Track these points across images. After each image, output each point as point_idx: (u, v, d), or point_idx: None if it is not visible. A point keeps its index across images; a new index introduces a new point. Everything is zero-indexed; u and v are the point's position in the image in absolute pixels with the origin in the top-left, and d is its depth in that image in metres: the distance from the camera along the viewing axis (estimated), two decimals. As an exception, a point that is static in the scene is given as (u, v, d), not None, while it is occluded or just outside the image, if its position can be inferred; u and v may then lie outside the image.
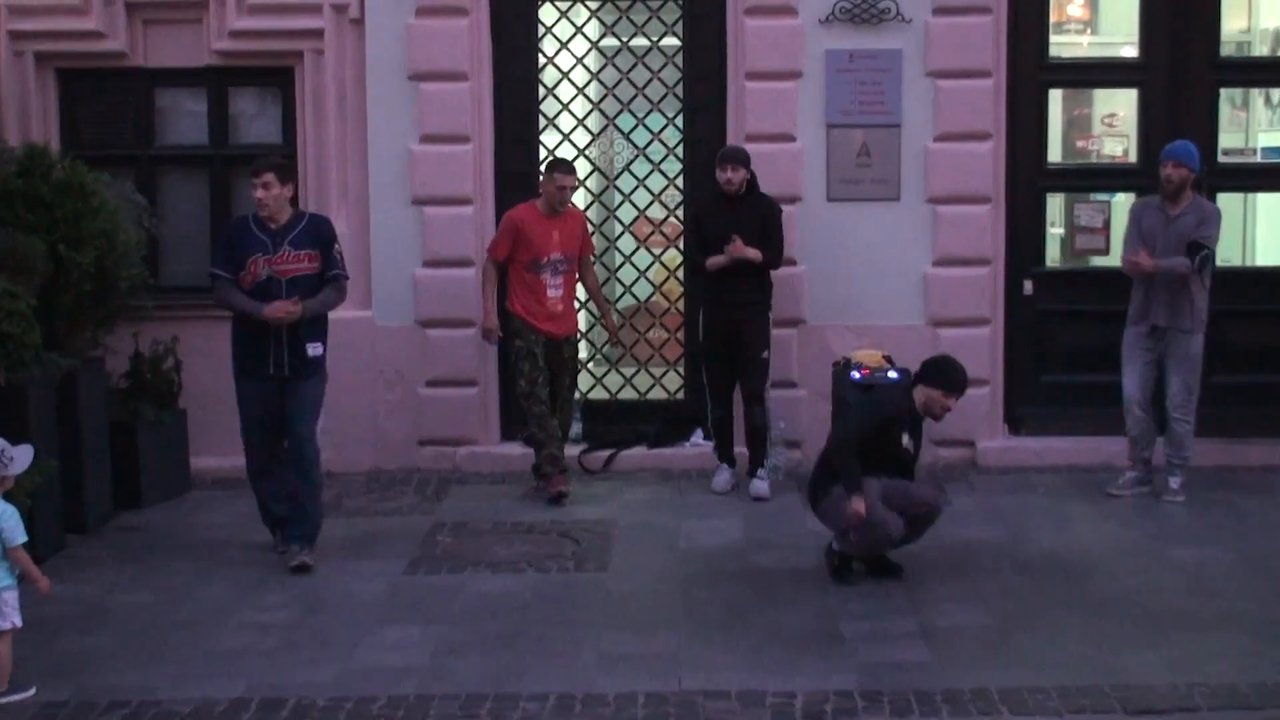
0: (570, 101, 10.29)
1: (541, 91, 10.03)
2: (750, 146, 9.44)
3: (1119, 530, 8.43)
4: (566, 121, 10.27)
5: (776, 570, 7.73)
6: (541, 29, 9.99)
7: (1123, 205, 9.89)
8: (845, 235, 9.73)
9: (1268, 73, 10.58)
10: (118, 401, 9.05)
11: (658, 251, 10.36)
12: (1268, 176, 10.58)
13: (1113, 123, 10.60)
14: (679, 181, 10.11)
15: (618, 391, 10.34)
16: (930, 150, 9.70)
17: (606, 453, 9.92)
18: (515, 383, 9.20)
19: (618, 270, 10.43)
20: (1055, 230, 10.41)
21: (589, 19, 10.16)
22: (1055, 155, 10.26)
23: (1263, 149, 10.72)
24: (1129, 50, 10.13)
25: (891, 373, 8.76)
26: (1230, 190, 10.12)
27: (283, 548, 8.01)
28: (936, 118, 9.68)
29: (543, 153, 9.97)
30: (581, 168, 9.97)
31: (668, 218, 10.22)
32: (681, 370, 10.24)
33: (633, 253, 10.32)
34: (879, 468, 7.38)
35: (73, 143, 9.77)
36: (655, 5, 9.99)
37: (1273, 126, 10.93)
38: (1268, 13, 10.77)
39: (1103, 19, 10.88)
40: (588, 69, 10.33)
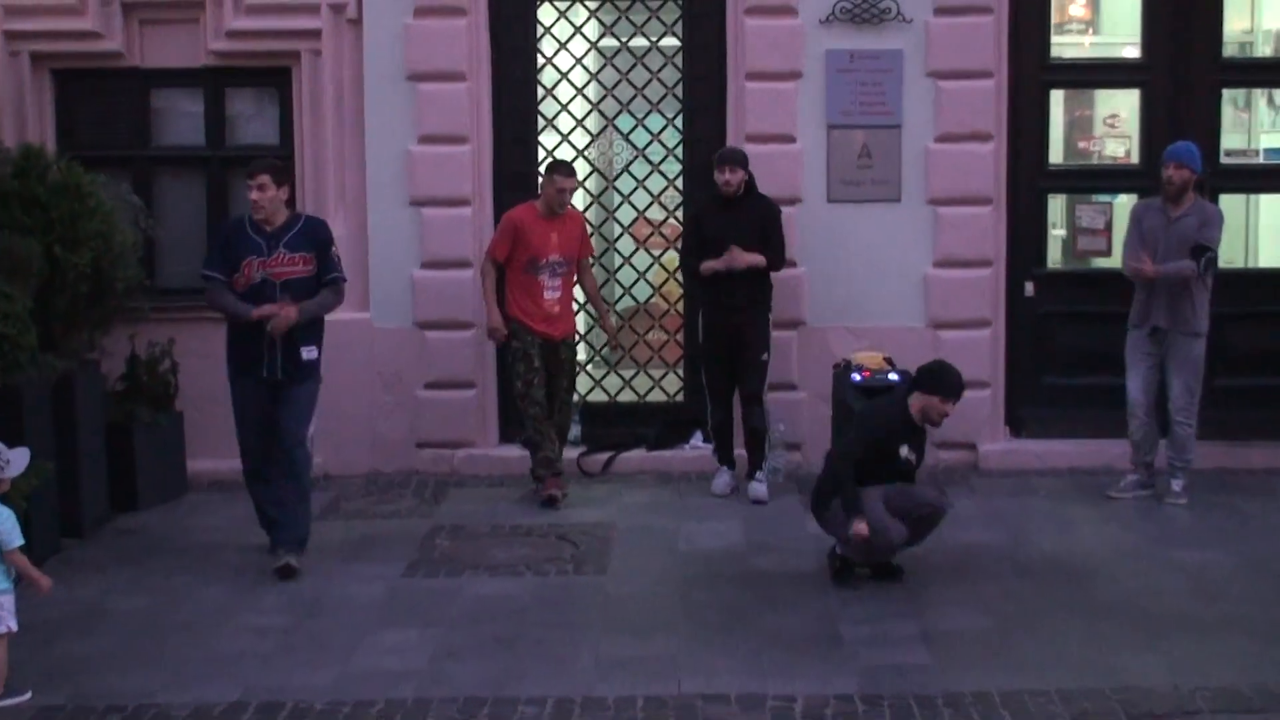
0: (569, 102, 10.27)
1: (540, 92, 10.01)
2: (750, 147, 9.43)
3: (1121, 533, 8.43)
4: (565, 122, 10.25)
5: (776, 573, 7.72)
6: (540, 29, 9.97)
7: (1124, 206, 9.86)
8: (846, 236, 9.70)
9: (1270, 73, 10.56)
10: (114, 404, 9.03)
11: (657, 253, 10.33)
12: (1270, 178, 10.55)
13: (1114, 124, 10.57)
14: (678, 183, 10.09)
15: (617, 394, 10.31)
16: (931, 151, 9.68)
17: (605, 455, 9.89)
18: (511, 384, 9.16)
19: (617, 272, 10.40)
20: (1057, 232, 10.40)
21: (588, 19, 10.13)
22: (1057, 156, 10.24)
23: (1265, 150, 10.69)
24: (1131, 50, 10.12)
25: (892, 375, 8.73)
26: (1233, 192, 10.12)
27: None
28: (937, 118, 9.66)
29: (541, 154, 9.96)
30: (580, 169, 9.93)
31: (667, 219, 10.20)
32: (681, 372, 10.21)
33: (632, 254, 10.29)
34: (880, 479, 7.37)
35: (69, 143, 9.74)
36: (654, 5, 9.97)
37: (1275, 128, 10.91)
38: (1270, 13, 10.74)
39: (1104, 19, 10.87)
40: (587, 69, 10.30)
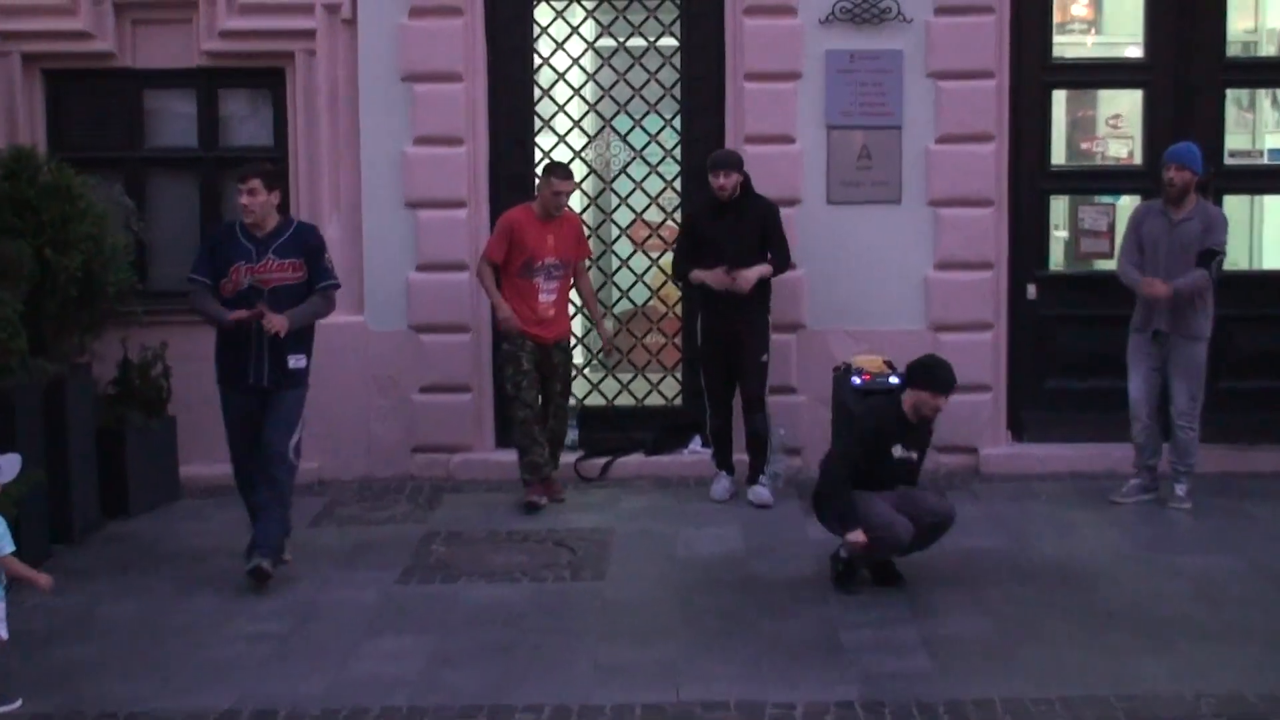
0: (566, 103, 10.22)
1: (537, 93, 9.98)
2: (749, 148, 9.43)
3: (1124, 538, 8.40)
4: (562, 123, 10.22)
5: (776, 579, 7.69)
6: (537, 29, 9.94)
7: (1127, 208, 9.85)
8: (845, 238, 9.67)
9: (1275, 73, 10.54)
10: (105, 408, 9.00)
11: (655, 255, 10.30)
12: (1275, 178, 10.53)
13: (1117, 124, 10.56)
14: (676, 184, 10.07)
15: (614, 398, 10.26)
16: (932, 152, 9.64)
17: (603, 460, 9.85)
18: (502, 387, 9.10)
19: (614, 274, 10.35)
20: (1059, 233, 10.38)
21: (585, 19, 10.09)
22: (1059, 157, 10.23)
23: (1270, 151, 10.68)
24: (1133, 50, 10.10)
25: (893, 378, 8.66)
26: (1237, 193, 10.12)
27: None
28: (938, 119, 9.63)
29: (538, 155, 9.93)
30: (577, 170, 9.92)
31: (665, 221, 10.18)
32: (679, 376, 10.17)
33: (629, 256, 10.25)
34: (882, 483, 7.33)
35: (60, 145, 9.71)
36: (652, 5, 9.96)
37: (1280, 128, 10.89)
38: (1274, 12, 10.71)
39: (1107, 19, 10.88)
40: (584, 70, 10.27)
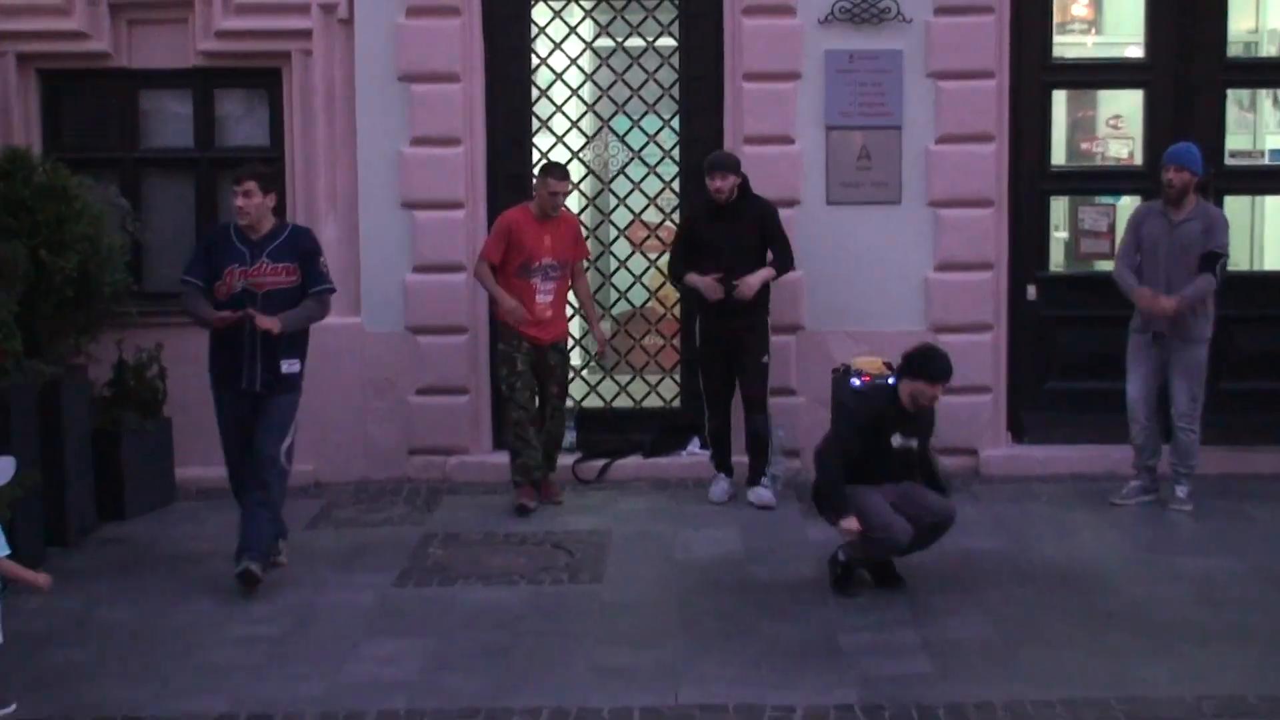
0: (564, 103, 10.18)
1: (534, 93, 9.95)
2: (748, 149, 9.42)
3: (1124, 540, 8.40)
4: (560, 124, 10.19)
5: (775, 581, 7.66)
6: (534, 29, 9.92)
7: (1128, 208, 9.83)
8: (845, 239, 9.64)
9: (1276, 73, 10.52)
10: (101, 410, 8.97)
11: (653, 256, 10.26)
12: (1276, 179, 10.51)
13: (1118, 124, 10.54)
14: (675, 185, 10.05)
15: (612, 399, 10.23)
16: (931, 152, 9.62)
17: (601, 462, 9.81)
18: (496, 388, 9.07)
19: (612, 275, 10.31)
20: (1059, 234, 10.35)
21: (583, 19, 10.08)
22: (1059, 157, 10.20)
23: (1270, 151, 10.65)
24: (1134, 50, 10.08)
25: (892, 379, 8.62)
26: (1238, 193, 10.10)
27: (273, 559, 7.88)
28: (938, 119, 9.60)
29: (536, 156, 9.89)
30: (575, 171, 9.91)
31: (663, 222, 10.16)
32: (678, 377, 10.15)
33: (628, 258, 10.22)
34: (884, 475, 7.28)
35: (55, 145, 9.69)
36: (651, 5, 9.94)
37: (1281, 128, 10.88)
38: (1276, 12, 10.68)
39: (1107, 18, 10.86)
40: (582, 70, 10.22)
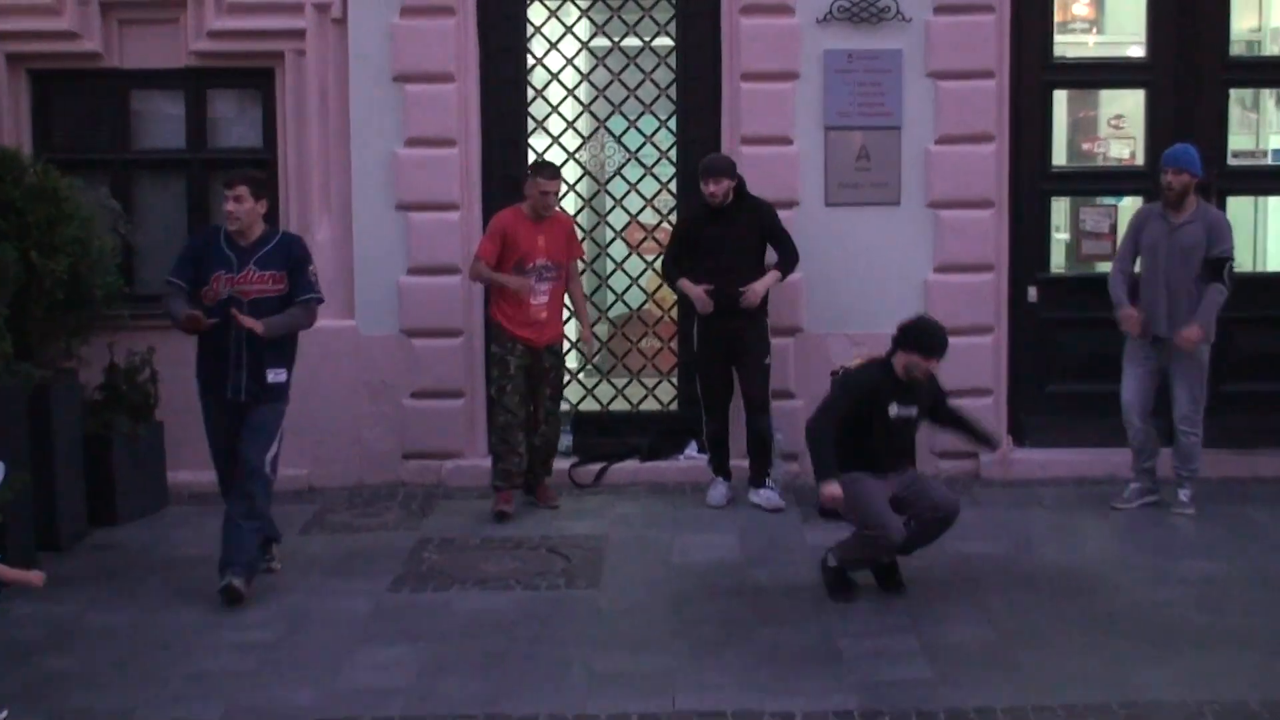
0: (560, 104, 10.17)
1: (530, 93, 9.92)
2: (746, 149, 9.41)
3: (1126, 544, 8.39)
4: (556, 124, 10.16)
5: (773, 586, 7.65)
6: (530, 29, 9.89)
7: (1129, 209, 9.81)
8: (844, 240, 9.61)
9: (1279, 72, 10.47)
10: (92, 414, 8.92)
11: (650, 258, 10.23)
12: (1278, 179, 10.46)
13: (1119, 124, 10.51)
14: (672, 186, 10.02)
15: (609, 403, 10.20)
16: (931, 153, 9.59)
17: (598, 466, 9.78)
18: (486, 390, 9.03)
19: (609, 277, 10.28)
20: (1060, 235, 10.33)
21: (579, 18, 10.08)
22: (1060, 158, 10.18)
23: (1273, 151, 10.61)
24: (1136, 50, 10.06)
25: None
26: (1240, 194, 10.07)
27: (266, 564, 7.88)
28: (937, 119, 9.57)
29: (531, 157, 9.84)
30: (572, 172, 9.90)
31: (660, 223, 10.14)
32: (675, 381, 10.11)
33: (624, 259, 10.20)
34: (885, 449, 7.23)
35: (46, 146, 9.64)
36: (648, 4, 9.91)
37: (1284, 128, 10.85)
38: (1278, 11, 10.66)
39: (1108, 18, 10.84)
40: (578, 70, 10.21)
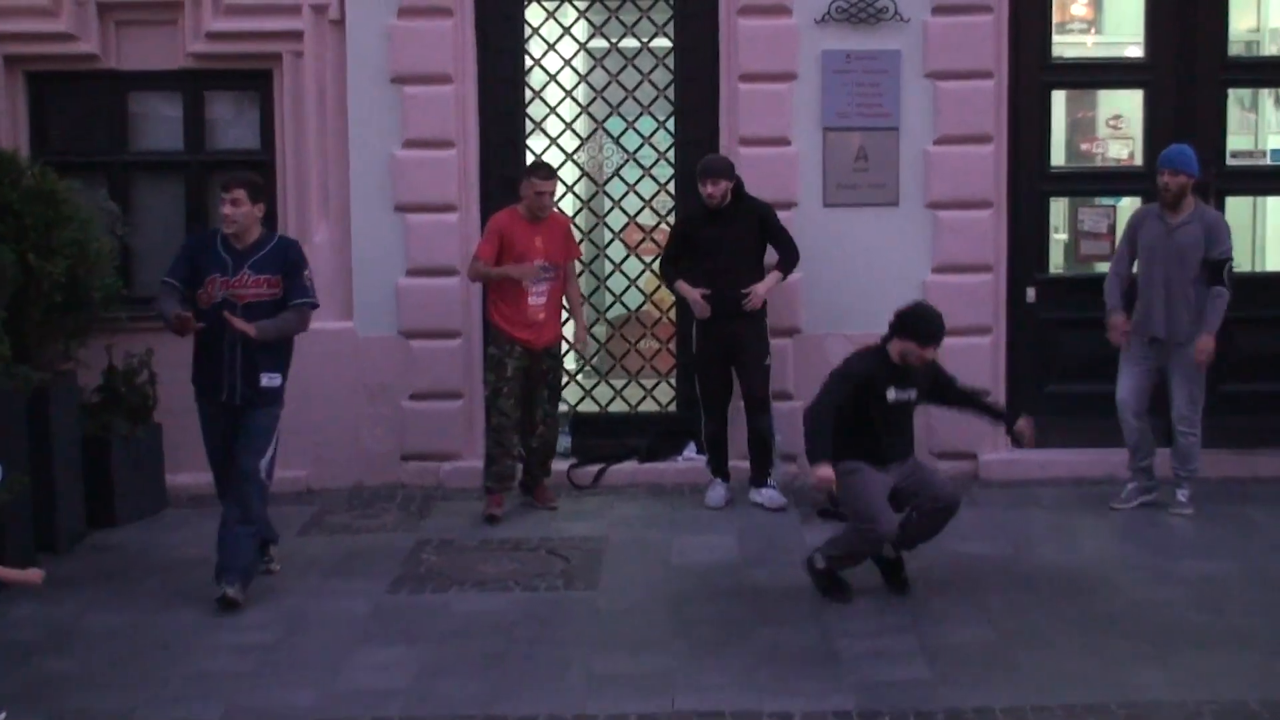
0: (558, 105, 10.15)
1: (528, 94, 9.91)
2: (744, 150, 9.40)
3: (1125, 544, 8.38)
4: (554, 125, 10.15)
5: (772, 587, 7.64)
6: (528, 30, 9.87)
7: (1128, 210, 9.81)
8: (842, 241, 9.59)
9: (1277, 72, 10.47)
10: (90, 416, 8.91)
11: (649, 259, 10.22)
12: (1277, 179, 10.46)
13: (1118, 125, 10.53)
14: (670, 187, 10.00)
15: (608, 404, 10.19)
16: (930, 153, 9.58)
17: (596, 467, 9.76)
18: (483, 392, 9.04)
19: (607, 279, 10.28)
20: (1059, 236, 10.32)
21: (577, 19, 10.06)
22: (1058, 158, 10.17)
23: (1272, 151, 10.62)
24: (1134, 50, 10.04)
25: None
26: (1239, 194, 10.05)
27: (264, 565, 7.87)
28: (936, 120, 9.56)
29: (529, 158, 9.83)
30: (570, 173, 9.89)
31: (659, 224, 10.12)
32: (674, 382, 10.10)
33: (623, 260, 10.19)
34: (885, 433, 7.23)
35: (43, 148, 9.63)
36: (645, 5, 9.89)
37: (1283, 128, 10.86)
38: (1277, 11, 10.66)
39: (1107, 18, 10.85)
40: (576, 71, 10.20)
